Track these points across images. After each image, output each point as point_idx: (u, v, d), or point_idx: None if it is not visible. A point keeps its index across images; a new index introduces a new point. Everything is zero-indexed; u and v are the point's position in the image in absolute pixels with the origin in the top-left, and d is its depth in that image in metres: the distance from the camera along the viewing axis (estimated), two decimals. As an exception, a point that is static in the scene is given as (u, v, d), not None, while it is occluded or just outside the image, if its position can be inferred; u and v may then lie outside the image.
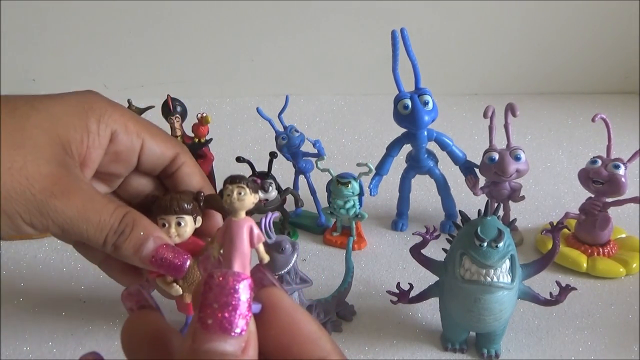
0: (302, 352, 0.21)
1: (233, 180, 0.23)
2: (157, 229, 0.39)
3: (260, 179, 0.68)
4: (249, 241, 0.23)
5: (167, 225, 0.42)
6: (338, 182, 0.67)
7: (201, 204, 0.45)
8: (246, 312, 0.20)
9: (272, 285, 0.22)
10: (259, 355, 0.21)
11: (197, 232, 0.45)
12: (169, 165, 0.43)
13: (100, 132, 0.38)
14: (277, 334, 0.22)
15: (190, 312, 0.52)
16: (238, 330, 0.20)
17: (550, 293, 0.53)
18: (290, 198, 0.74)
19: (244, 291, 0.20)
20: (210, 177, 0.77)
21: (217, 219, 0.45)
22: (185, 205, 0.43)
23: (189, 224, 0.43)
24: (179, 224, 0.43)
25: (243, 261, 0.22)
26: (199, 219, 0.45)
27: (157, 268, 0.38)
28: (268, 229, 0.52)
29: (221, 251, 0.23)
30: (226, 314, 0.20)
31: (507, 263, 0.48)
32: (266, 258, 0.24)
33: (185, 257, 0.37)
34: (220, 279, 0.20)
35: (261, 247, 0.24)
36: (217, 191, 0.77)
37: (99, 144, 0.38)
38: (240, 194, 0.22)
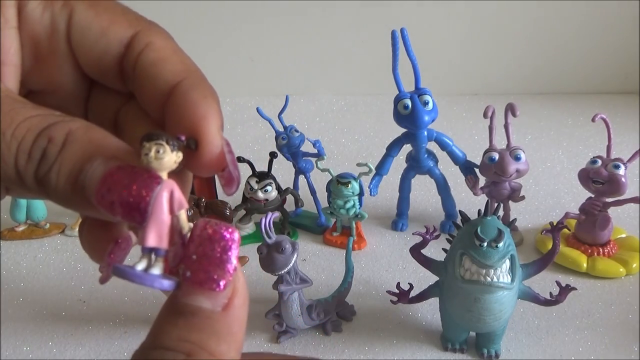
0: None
1: (150, 137, 0.19)
2: (114, 144, 0.20)
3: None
4: (169, 208, 0.19)
5: None
6: (338, 182, 0.67)
7: (202, 210, 0.45)
8: (230, 267, 0.19)
9: None
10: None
11: None
12: (126, 55, 0.23)
13: None
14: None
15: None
16: (217, 286, 0.18)
17: (550, 293, 0.53)
18: (290, 198, 0.75)
19: (227, 244, 0.19)
20: (211, 177, 0.77)
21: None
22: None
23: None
24: None
25: (160, 230, 0.19)
26: None
27: (109, 208, 0.19)
28: (268, 229, 0.52)
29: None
30: (206, 268, 0.18)
31: (507, 263, 0.48)
32: (186, 227, 0.20)
33: (155, 179, 0.19)
34: (203, 230, 0.19)
35: (183, 215, 0.19)
36: (217, 195, 0.78)
37: (5, 21, 0.22)
38: (158, 152, 0.19)
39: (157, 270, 0.19)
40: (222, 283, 0.19)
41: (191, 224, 0.20)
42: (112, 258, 0.20)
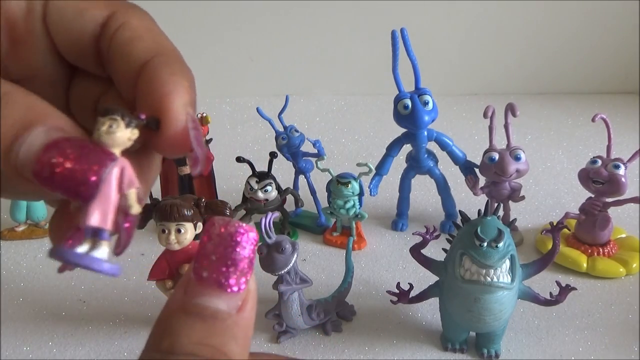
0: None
1: (105, 112, 0.18)
2: (57, 114, 0.19)
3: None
4: (118, 185, 0.18)
5: (166, 231, 0.42)
6: (338, 182, 0.67)
7: (202, 210, 0.44)
8: (246, 269, 0.18)
9: None
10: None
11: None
12: (101, 35, 0.23)
13: None
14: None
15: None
16: (235, 288, 0.18)
17: (550, 293, 0.53)
18: (290, 198, 0.74)
19: (246, 245, 0.18)
20: (210, 177, 0.77)
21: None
22: (186, 211, 0.43)
23: (189, 231, 0.43)
24: (178, 230, 0.42)
25: (105, 209, 0.18)
26: (200, 225, 0.44)
27: (47, 182, 0.17)
28: (268, 229, 0.52)
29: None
30: (224, 268, 0.18)
31: (507, 263, 0.48)
32: (135, 207, 0.18)
33: (109, 156, 0.18)
34: (222, 229, 0.18)
35: (132, 194, 0.18)
36: (217, 194, 0.78)
37: None
38: (111, 126, 0.18)
39: (100, 253, 0.18)
40: (240, 285, 0.18)
41: (138, 207, 0.19)
42: (71, 244, 0.18)
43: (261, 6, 1.18)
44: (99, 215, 0.18)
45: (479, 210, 0.50)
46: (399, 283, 0.56)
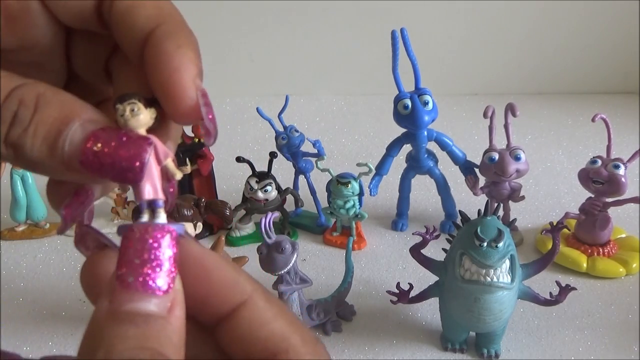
0: (220, 301, 0.19)
1: (122, 98, 0.19)
2: (87, 106, 0.20)
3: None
4: (156, 160, 0.20)
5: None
6: (338, 182, 0.67)
7: (202, 210, 0.45)
8: (171, 269, 0.18)
9: (180, 238, 0.20)
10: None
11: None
12: (101, 6, 0.22)
13: None
14: (190, 288, 0.20)
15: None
16: (164, 288, 0.18)
17: (550, 293, 0.53)
18: (290, 198, 0.75)
19: (167, 245, 0.19)
20: (210, 177, 0.77)
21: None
22: (185, 211, 0.43)
23: (189, 231, 0.43)
24: None
25: (153, 183, 0.20)
26: (200, 225, 0.44)
27: (96, 170, 0.19)
28: (268, 229, 0.52)
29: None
30: (149, 271, 0.18)
31: (507, 263, 0.48)
32: (178, 174, 0.21)
33: (147, 141, 0.19)
34: (142, 233, 0.19)
35: (170, 163, 0.20)
36: (217, 194, 0.78)
37: None
38: (133, 110, 0.19)
39: (161, 219, 0.20)
40: (167, 285, 0.18)
41: (180, 173, 0.20)
42: (68, 210, 0.20)
43: (261, 6, 1.18)
44: (151, 189, 0.20)
45: (479, 210, 0.50)
46: (399, 283, 0.56)
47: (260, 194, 0.68)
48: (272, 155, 0.69)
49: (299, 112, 1.12)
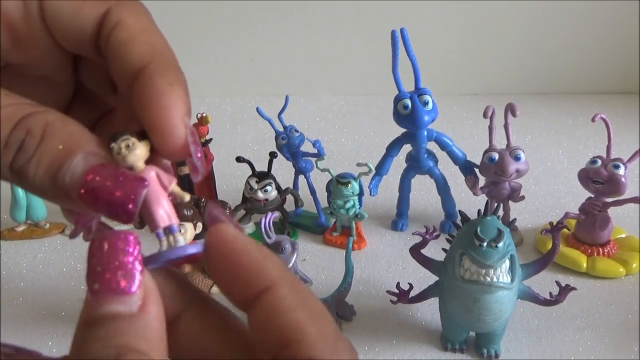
0: (244, 285, 0.20)
1: (114, 137, 0.20)
2: (91, 139, 0.20)
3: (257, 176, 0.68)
4: (162, 187, 0.21)
5: None
6: (338, 182, 0.67)
7: (202, 210, 0.45)
8: (134, 270, 0.19)
9: (220, 222, 0.21)
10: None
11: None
12: (99, 35, 0.23)
13: None
14: (220, 271, 0.20)
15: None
16: (133, 288, 0.19)
17: (550, 293, 0.53)
18: (290, 198, 0.75)
19: (125, 247, 0.19)
20: (210, 177, 0.77)
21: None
22: (185, 211, 0.43)
23: (188, 231, 0.43)
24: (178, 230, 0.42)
25: (164, 210, 0.21)
26: (200, 225, 0.44)
27: (92, 205, 0.20)
28: (268, 229, 0.52)
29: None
30: (108, 275, 0.19)
31: (507, 263, 0.48)
32: (185, 197, 0.21)
33: (142, 183, 0.20)
34: (100, 241, 0.19)
35: (176, 188, 0.21)
36: (217, 194, 0.78)
37: None
38: (128, 146, 0.20)
39: (180, 242, 0.21)
40: (133, 285, 0.19)
41: (187, 195, 0.21)
42: (81, 216, 0.21)
43: (262, 6, 1.18)
44: (164, 215, 0.21)
45: (479, 210, 0.50)
46: (398, 283, 0.56)
47: (260, 194, 0.68)
48: (272, 155, 0.69)
49: (299, 112, 1.12)
